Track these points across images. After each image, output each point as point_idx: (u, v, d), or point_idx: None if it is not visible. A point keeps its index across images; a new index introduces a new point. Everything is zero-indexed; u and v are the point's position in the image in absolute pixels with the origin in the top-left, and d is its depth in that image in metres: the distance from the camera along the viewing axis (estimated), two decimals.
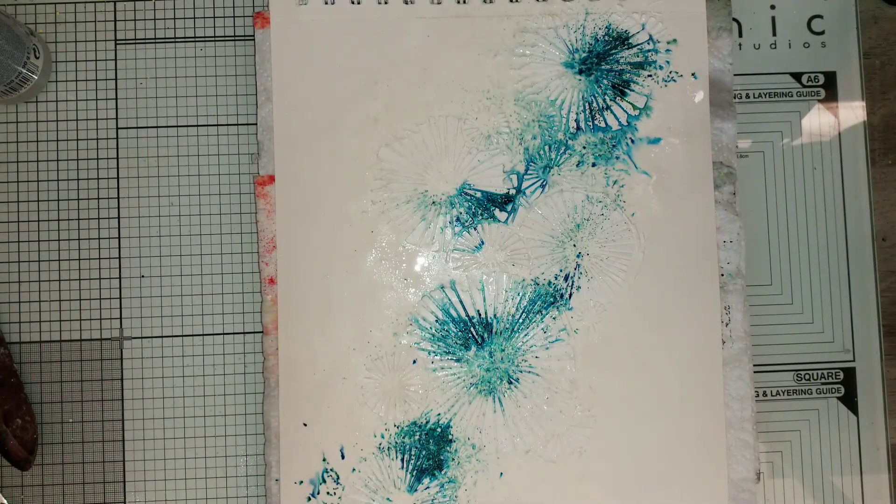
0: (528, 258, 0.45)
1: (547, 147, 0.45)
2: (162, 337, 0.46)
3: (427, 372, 0.44)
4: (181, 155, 0.47)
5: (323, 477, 0.43)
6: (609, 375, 0.44)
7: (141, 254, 0.46)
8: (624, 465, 0.44)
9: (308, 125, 0.45)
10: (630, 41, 0.46)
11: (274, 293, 0.44)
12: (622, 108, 0.45)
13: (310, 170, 0.44)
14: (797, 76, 0.48)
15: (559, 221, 0.45)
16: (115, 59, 0.47)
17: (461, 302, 0.44)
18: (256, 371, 0.46)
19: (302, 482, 0.43)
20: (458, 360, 0.44)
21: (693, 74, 0.45)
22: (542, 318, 0.44)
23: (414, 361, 0.44)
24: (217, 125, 0.47)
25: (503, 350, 0.44)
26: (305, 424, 0.44)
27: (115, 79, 0.47)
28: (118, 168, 0.46)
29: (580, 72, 0.45)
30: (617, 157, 0.45)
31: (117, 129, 0.47)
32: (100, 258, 0.46)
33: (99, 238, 0.46)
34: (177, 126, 0.47)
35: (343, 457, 0.44)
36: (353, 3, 0.45)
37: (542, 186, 0.45)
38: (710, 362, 0.45)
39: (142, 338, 0.46)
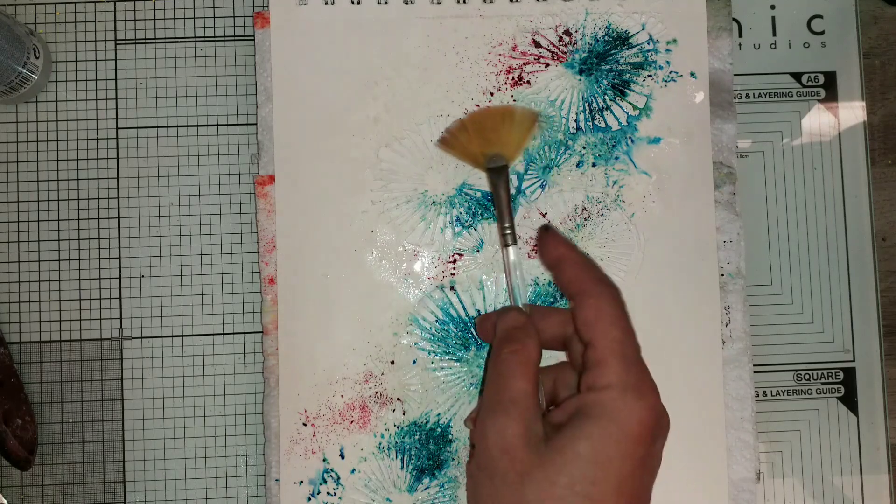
0: (527, 258, 0.45)
1: (547, 147, 0.45)
2: (162, 337, 0.46)
3: (427, 372, 0.44)
4: (181, 155, 0.47)
5: (323, 477, 0.43)
6: None
7: (141, 254, 0.46)
8: None
9: (308, 125, 0.45)
10: (630, 41, 0.46)
11: (274, 293, 0.44)
12: (622, 109, 0.45)
13: (310, 170, 0.44)
14: (797, 76, 0.48)
15: (559, 221, 0.45)
16: (115, 59, 0.47)
17: (461, 302, 0.44)
18: (256, 371, 0.46)
19: (302, 482, 0.43)
20: (458, 360, 0.44)
21: (693, 74, 0.45)
22: None
23: (414, 361, 0.44)
24: (217, 125, 0.47)
25: None
26: (305, 424, 0.44)
27: (115, 79, 0.47)
28: (118, 168, 0.46)
29: (580, 72, 0.45)
30: (617, 158, 0.45)
31: (117, 129, 0.47)
32: (100, 258, 0.46)
33: (99, 238, 0.46)
34: (177, 126, 0.47)
35: (343, 457, 0.44)
36: (353, 3, 0.45)
37: (542, 186, 0.45)
38: (710, 362, 0.44)
39: (142, 338, 0.46)
